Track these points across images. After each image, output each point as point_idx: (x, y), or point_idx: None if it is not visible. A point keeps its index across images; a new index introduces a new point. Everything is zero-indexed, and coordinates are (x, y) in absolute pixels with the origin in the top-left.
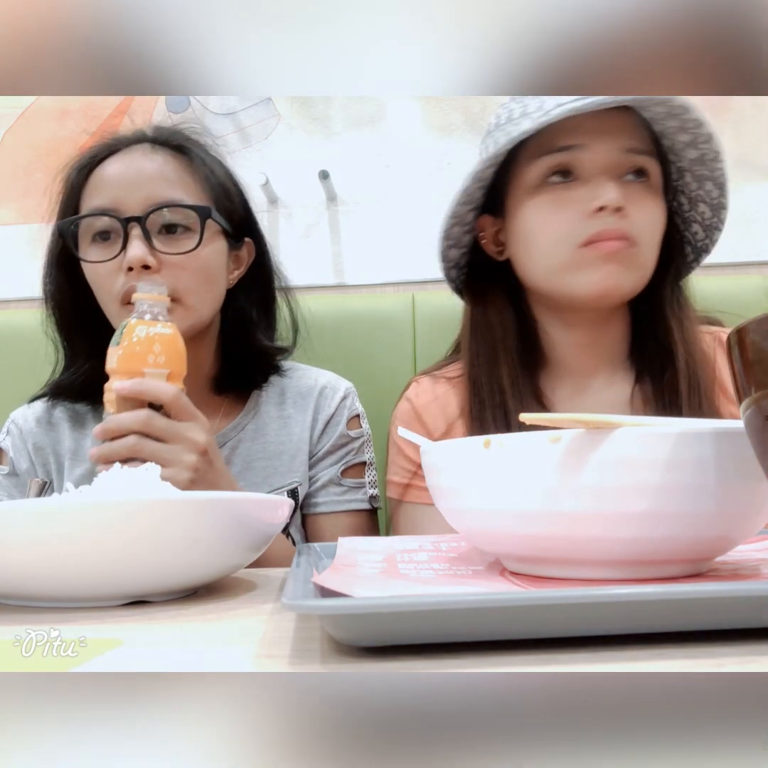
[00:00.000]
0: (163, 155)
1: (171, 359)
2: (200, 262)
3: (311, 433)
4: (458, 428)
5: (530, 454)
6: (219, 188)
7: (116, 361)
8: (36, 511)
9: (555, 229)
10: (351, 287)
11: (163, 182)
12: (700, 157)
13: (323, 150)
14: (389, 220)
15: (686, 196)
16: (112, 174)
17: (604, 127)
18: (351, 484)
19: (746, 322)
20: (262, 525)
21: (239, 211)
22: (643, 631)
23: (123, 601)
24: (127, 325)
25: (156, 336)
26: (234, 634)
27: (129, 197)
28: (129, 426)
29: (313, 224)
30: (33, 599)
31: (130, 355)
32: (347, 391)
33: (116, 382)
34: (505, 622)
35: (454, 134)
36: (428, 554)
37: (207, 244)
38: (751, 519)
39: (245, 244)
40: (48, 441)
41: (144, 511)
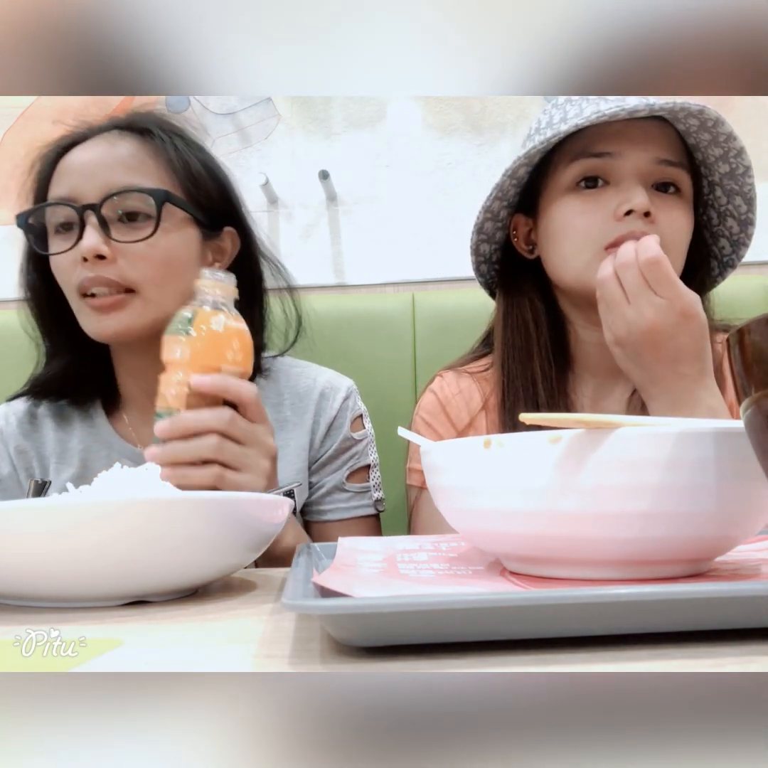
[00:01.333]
0: (128, 141)
1: (246, 357)
2: (161, 251)
3: (312, 438)
4: (480, 420)
5: (530, 454)
6: (186, 173)
7: (188, 353)
8: (37, 510)
9: (583, 229)
10: (351, 287)
11: (121, 168)
12: (731, 172)
13: (323, 150)
14: (389, 220)
15: (716, 211)
16: (74, 162)
17: (638, 137)
18: (356, 489)
19: (746, 322)
20: (262, 525)
21: (213, 197)
22: (643, 631)
23: (123, 601)
24: (197, 313)
25: (235, 330)
26: (234, 634)
27: (86, 185)
28: (212, 425)
29: (313, 224)
30: (33, 599)
31: (209, 348)
32: (349, 391)
33: (191, 376)
34: (505, 622)
35: (454, 134)
36: (428, 554)
37: (169, 231)
38: (751, 519)
39: (226, 234)
40: (31, 443)
41: (145, 511)
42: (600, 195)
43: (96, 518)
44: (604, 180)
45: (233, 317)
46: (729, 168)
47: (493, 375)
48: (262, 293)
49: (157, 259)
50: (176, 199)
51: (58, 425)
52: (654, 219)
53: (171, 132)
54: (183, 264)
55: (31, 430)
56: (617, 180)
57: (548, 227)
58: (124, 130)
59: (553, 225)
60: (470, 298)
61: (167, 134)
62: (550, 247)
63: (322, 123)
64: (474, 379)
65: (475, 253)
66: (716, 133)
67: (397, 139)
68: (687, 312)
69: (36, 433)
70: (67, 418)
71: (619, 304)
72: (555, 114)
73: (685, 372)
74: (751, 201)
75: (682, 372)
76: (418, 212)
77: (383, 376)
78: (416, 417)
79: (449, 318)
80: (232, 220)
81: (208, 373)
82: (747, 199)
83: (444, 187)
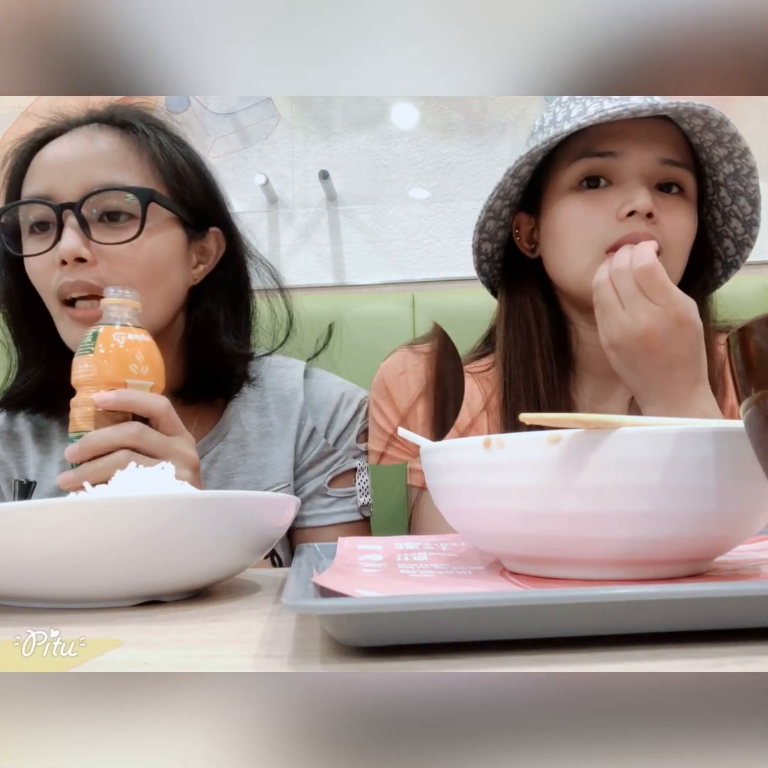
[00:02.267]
0: (109, 135)
1: (154, 370)
2: (145, 253)
3: (296, 443)
4: (482, 421)
5: (530, 454)
6: (170, 170)
7: (93, 371)
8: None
9: (585, 231)
10: (351, 287)
11: (102, 164)
12: (735, 172)
13: (323, 150)
14: (389, 220)
15: (720, 211)
16: (50, 158)
17: (642, 137)
18: (339, 494)
19: (746, 322)
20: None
21: (198, 196)
22: (643, 631)
23: (131, 602)
24: (100, 331)
25: (137, 343)
26: (234, 634)
27: (64, 182)
28: (119, 441)
29: (313, 224)
30: (37, 600)
31: (111, 363)
32: (361, 402)
33: (94, 394)
34: (505, 622)
35: (454, 134)
36: (428, 554)
37: (154, 232)
38: (751, 519)
39: (211, 234)
40: (11, 454)
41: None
42: (602, 195)
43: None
44: (606, 180)
45: (136, 331)
46: (733, 168)
47: (494, 375)
48: (249, 297)
49: (141, 261)
50: (162, 199)
51: (37, 439)
52: (657, 220)
53: (154, 126)
54: (168, 267)
55: (10, 439)
56: (620, 180)
57: (550, 227)
58: (104, 124)
59: (555, 225)
60: (470, 298)
61: (150, 128)
62: (551, 248)
63: (322, 123)
64: (475, 379)
65: (477, 252)
66: (721, 134)
67: (397, 139)
68: (682, 319)
69: (15, 442)
70: (46, 432)
71: (614, 309)
72: (558, 112)
73: (679, 377)
74: (756, 202)
75: (677, 377)
76: (418, 212)
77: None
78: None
79: (449, 318)
80: (217, 219)
81: (114, 389)
82: (751, 200)
83: (444, 187)
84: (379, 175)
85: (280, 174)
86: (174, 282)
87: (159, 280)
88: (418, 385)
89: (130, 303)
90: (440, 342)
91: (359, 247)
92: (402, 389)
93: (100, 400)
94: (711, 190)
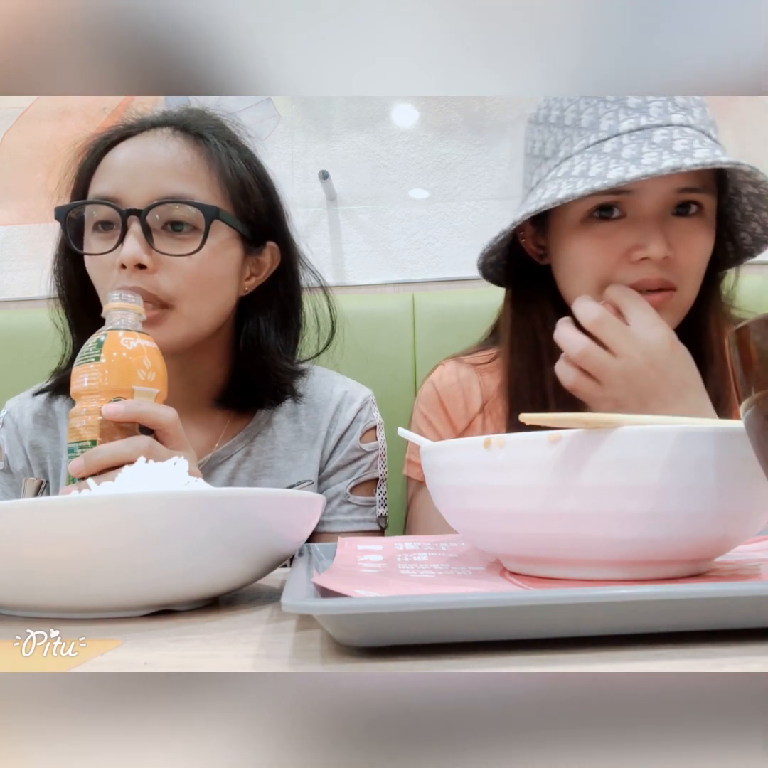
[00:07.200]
0: (180, 143)
1: (159, 377)
2: (204, 267)
3: (323, 449)
4: (477, 424)
5: (530, 454)
6: (238, 187)
7: (99, 379)
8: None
9: (597, 270)
10: (351, 287)
11: (172, 175)
12: (759, 194)
13: (323, 150)
14: (389, 220)
15: (740, 211)
16: (120, 159)
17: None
18: (360, 502)
19: (746, 321)
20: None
21: (261, 213)
22: (643, 631)
23: (146, 611)
24: (105, 338)
25: (144, 348)
26: (234, 635)
27: (133, 187)
28: (129, 457)
29: (312, 224)
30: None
31: (119, 370)
32: (364, 401)
33: (102, 402)
34: (505, 622)
35: (453, 134)
36: (428, 554)
37: (214, 247)
38: (751, 519)
39: (268, 249)
40: (45, 439)
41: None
42: (615, 230)
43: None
44: (620, 210)
45: (141, 336)
46: (758, 192)
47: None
48: (299, 308)
49: (198, 275)
50: (226, 217)
51: None
52: (671, 259)
53: (226, 140)
54: (223, 280)
55: (46, 425)
56: (634, 213)
57: (561, 259)
58: (178, 130)
59: (565, 257)
60: (470, 298)
61: (222, 142)
62: (560, 276)
63: (322, 123)
64: (475, 371)
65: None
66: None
67: (397, 139)
68: (653, 360)
69: (50, 428)
70: None
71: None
72: (578, 163)
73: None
74: None
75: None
76: (418, 212)
77: (383, 377)
78: (415, 407)
79: (449, 318)
80: (275, 234)
81: (121, 397)
82: None
83: (444, 187)
84: (379, 175)
85: (280, 174)
86: (226, 294)
87: (212, 292)
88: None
89: (134, 308)
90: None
91: (359, 247)
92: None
93: (109, 412)
94: (732, 190)
